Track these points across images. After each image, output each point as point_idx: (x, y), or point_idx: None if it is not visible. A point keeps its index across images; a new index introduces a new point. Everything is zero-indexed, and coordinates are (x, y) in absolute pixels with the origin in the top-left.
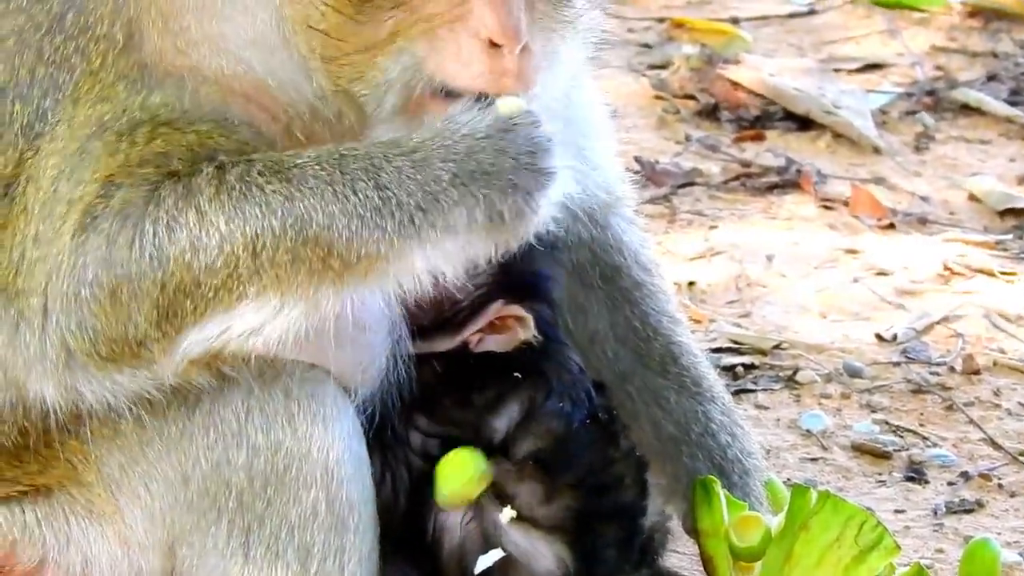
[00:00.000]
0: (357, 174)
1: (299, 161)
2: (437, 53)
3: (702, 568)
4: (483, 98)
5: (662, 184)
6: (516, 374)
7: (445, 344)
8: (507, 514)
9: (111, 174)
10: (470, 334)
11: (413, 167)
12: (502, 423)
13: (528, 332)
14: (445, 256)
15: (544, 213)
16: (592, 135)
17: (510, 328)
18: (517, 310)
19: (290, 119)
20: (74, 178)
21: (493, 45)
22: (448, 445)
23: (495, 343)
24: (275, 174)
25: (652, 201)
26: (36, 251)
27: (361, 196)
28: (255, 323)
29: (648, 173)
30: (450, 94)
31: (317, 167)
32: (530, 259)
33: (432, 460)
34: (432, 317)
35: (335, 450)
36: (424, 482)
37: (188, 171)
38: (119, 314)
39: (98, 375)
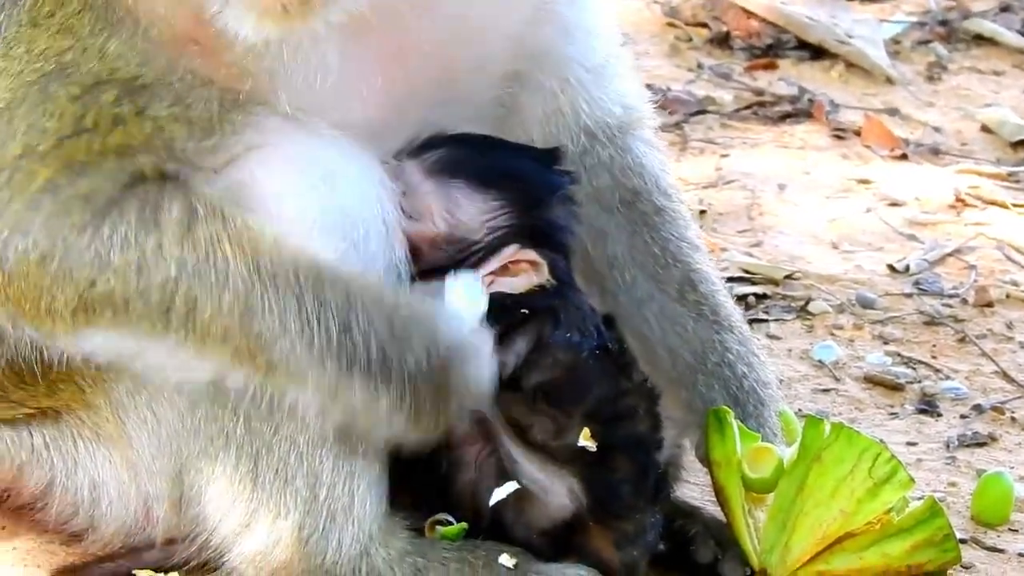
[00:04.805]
0: (330, 308)
1: (275, 259)
2: None
3: (714, 498)
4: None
5: (674, 112)
6: (524, 311)
7: None
8: (507, 560)
9: (72, 157)
10: (483, 276)
11: (388, 338)
12: (510, 358)
13: (542, 276)
14: (332, 410)
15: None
16: (605, 42)
17: (524, 271)
18: (532, 254)
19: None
20: (32, 118)
21: None
22: None
23: (507, 285)
24: (245, 256)
25: (664, 129)
26: None
27: (322, 330)
28: (160, 363)
29: (660, 101)
30: None
31: (293, 278)
32: (548, 208)
33: None
34: (447, 256)
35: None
36: None
37: (155, 182)
38: (40, 279)
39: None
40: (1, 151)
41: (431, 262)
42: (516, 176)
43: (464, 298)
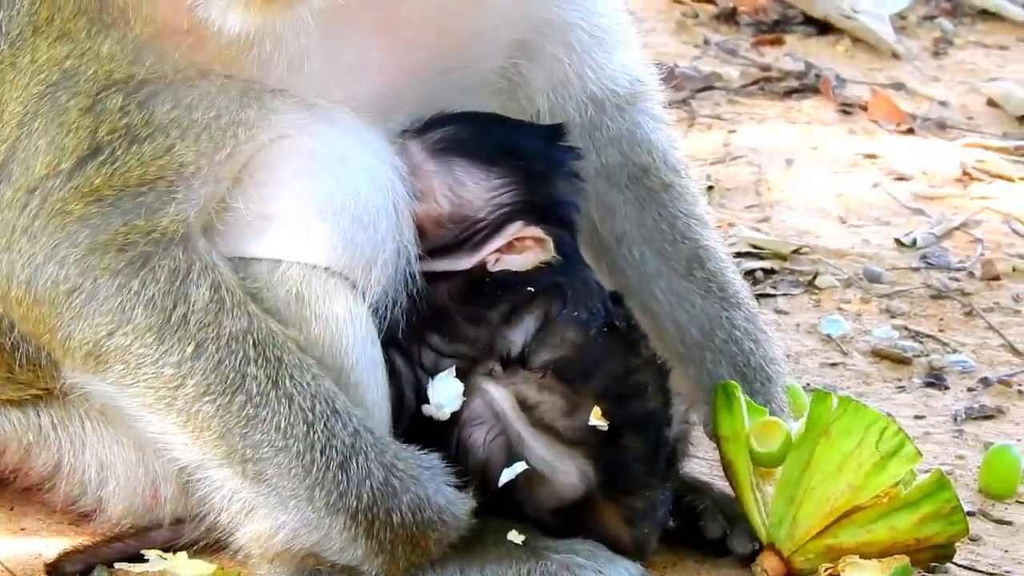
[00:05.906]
0: (336, 443)
1: (296, 375)
2: None
3: (723, 473)
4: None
5: (681, 88)
6: (530, 289)
7: (463, 263)
8: (516, 536)
9: (98, 190)
10: (488, 253)
11: (380, 490)
12: (518, 336)
13: (547, 253)
14: (304, 539)
15: None
16: (608, 7)
17: (529, 248)
18: (536, 231)
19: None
20: (51, 134)
21: None
22: (460, 363)
23: (513, 263)
24: (267, 363)
25: (671, 105)
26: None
27: (323, 460)
28: (153, 434)
29: (667, 77)
30: None
31: (309, 401)
32: (552, 185)
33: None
34: (452, 235)
35: (350, 355)
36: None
37: (182, 244)
38: (65, 310)
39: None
40: (26, 169)
41: (436, 241)
42: (519, 153)
43: (444, 394)
